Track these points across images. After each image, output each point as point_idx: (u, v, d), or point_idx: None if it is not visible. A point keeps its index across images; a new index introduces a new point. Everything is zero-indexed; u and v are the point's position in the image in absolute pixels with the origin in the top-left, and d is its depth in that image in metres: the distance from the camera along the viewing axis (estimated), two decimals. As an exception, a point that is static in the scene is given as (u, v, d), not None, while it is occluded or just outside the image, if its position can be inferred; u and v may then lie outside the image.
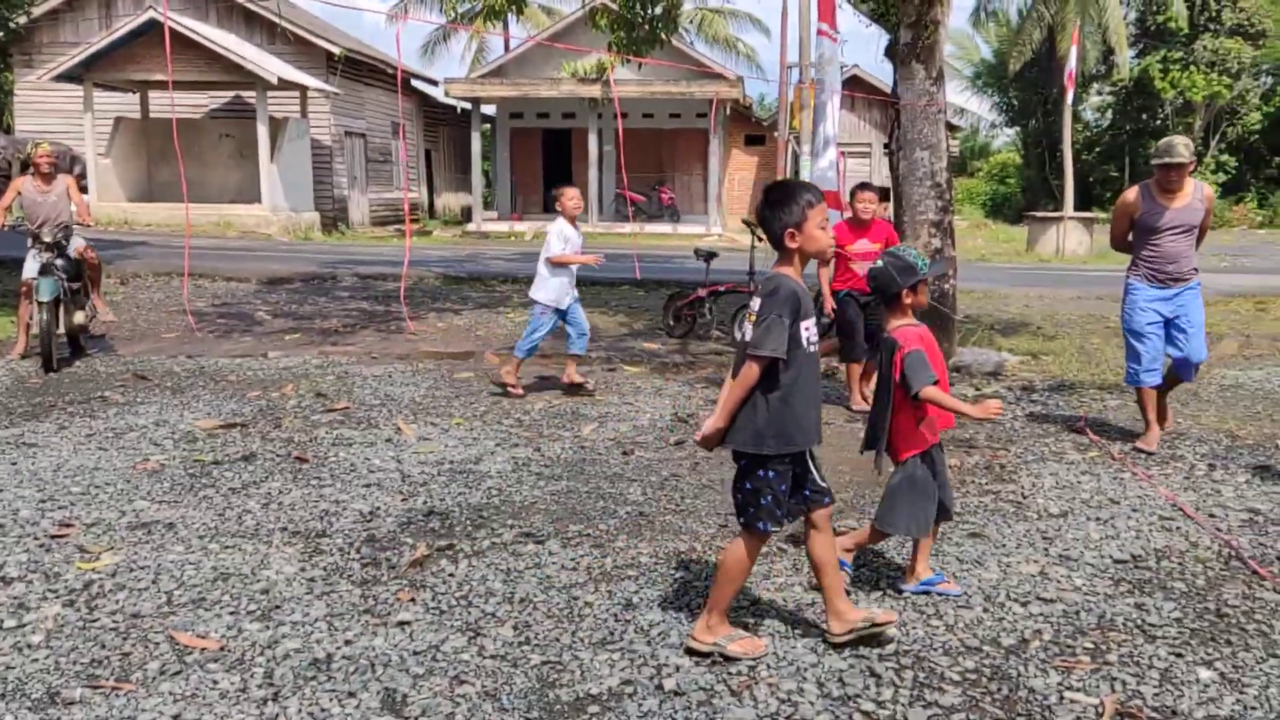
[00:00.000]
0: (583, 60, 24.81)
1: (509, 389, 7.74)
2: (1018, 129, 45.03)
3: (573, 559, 4.45)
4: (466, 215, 30.56)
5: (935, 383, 3.94)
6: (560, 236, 7.66)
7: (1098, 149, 42.63)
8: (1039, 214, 24.79)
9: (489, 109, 29.70)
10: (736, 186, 32.54)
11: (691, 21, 36.49)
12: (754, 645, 3.57)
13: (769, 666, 3.50)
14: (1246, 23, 36.54)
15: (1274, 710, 3.25)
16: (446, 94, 27.97)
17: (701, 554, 4.54)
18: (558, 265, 7.67)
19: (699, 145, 29.10)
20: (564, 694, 3.31)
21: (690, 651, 3.55)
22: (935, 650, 3.66)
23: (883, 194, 8.46)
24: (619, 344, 10.28)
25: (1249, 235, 32.33)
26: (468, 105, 28.32)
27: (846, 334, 7.67)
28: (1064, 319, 12.12)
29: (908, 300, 4.06)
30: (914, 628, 3.84)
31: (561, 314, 7.84)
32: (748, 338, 3.45)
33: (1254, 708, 3.27)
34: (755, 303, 3.50)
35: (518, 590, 4.11)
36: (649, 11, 11.36)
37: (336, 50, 25.34)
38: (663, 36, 11.74)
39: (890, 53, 9.15)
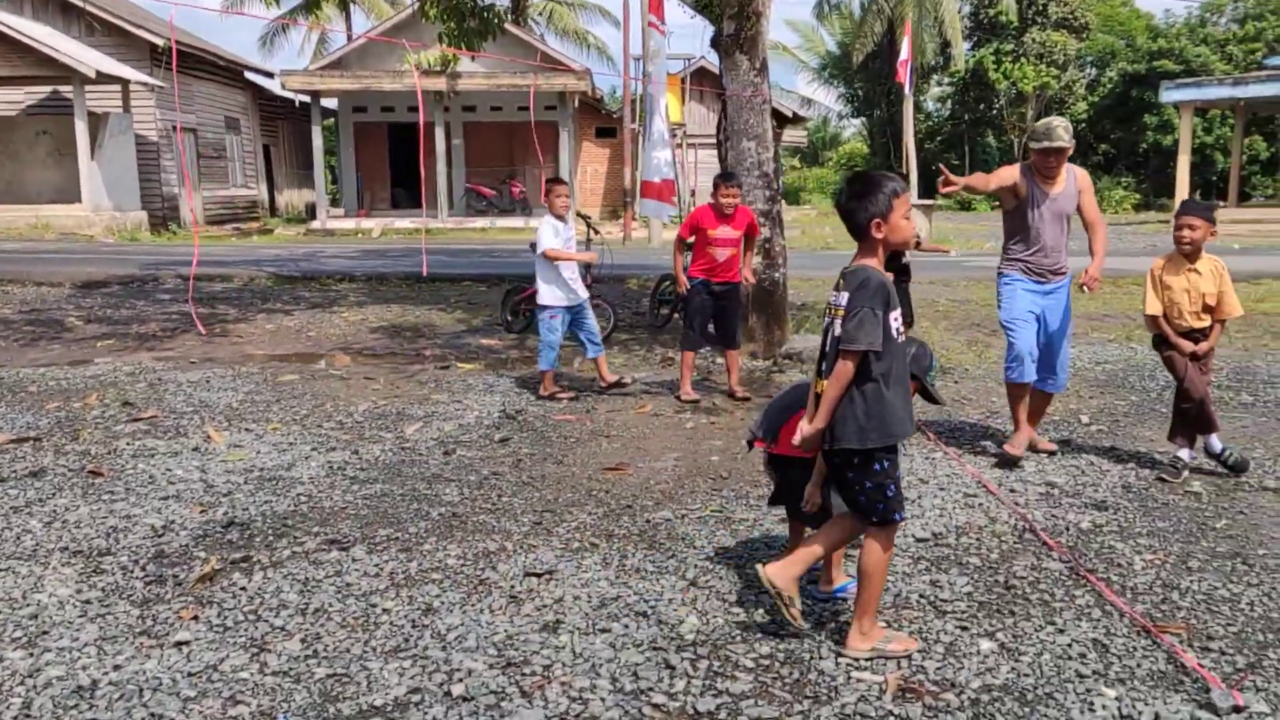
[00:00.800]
0: (426, 52, 24.32)
1: (555, 396, 7.52)
2: (864, 119, 46.42)
3: (376, 565, 4.31)
4: (311, 212, 29.68)
5: None
6: (553, 229, 7.40)
7: (939, 138, 44.36)
8: (880, 202, 25.47)
9: (330, 102, 28.90)
10: (589, 179, 32.54)
11: (540, 14, 36.33)
12: (909, 643, 3.56)
13: (564, 665, 3.45)
14: (1071, 16, 38.47)
15: (1044, 676, 3.37)
16: (283, 87, 27.06)
17: (512, 553, 4.47)
18: (556, 261, 7.42)
19: (549, 138, 28.94)
20: (345, 707, 3.18)
21: (851, 662, 3.49)
22: (734, 639, 3.67)
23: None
24: (456, 340, 10.11)
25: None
26: (307, 98, 27.46)
27: (689, 322, 7.67)
28: (896, 303, 12.46)
29: None
30: (715, 616, 3.84)
31: (572, 313, 7.59)
32: (837, 333, 3.41)
33: (1026, 674, 3.38)
34: (842, 298, 3.43)
35: (313, 601, 3.95)
36: (479, 1, 11.16)
37: (160, 41, 24.23)
38: (496, 28, 11.54)
39: (715, 44, 9.22)
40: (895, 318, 3.43)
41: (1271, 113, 33.54)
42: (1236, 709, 3.11)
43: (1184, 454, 5.58)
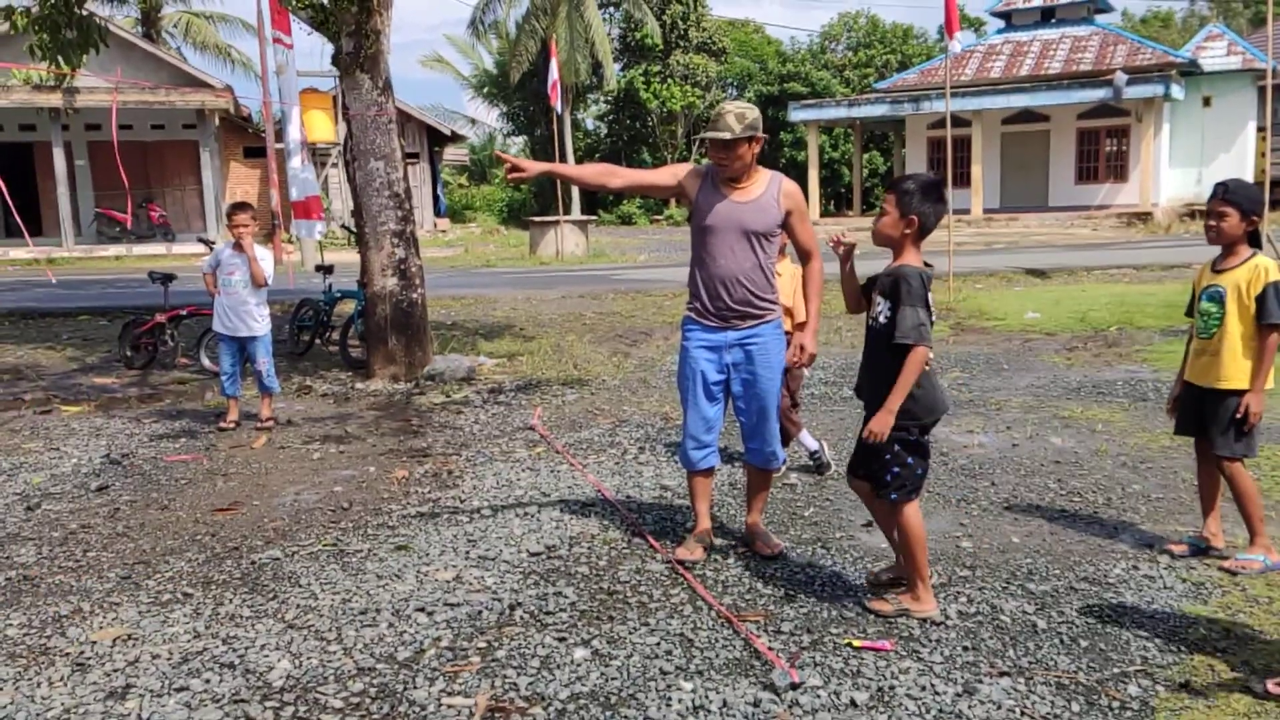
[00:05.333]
0: (37, 65, 22.05)
1: (221, 427, 7.31)
2: (526, 137, 47.08)
3: (-86, 648, 3.78)
4: (-93, 244, 26.05)
5: None
6: (212, 257, 7.46)
7: (598, 154, 45.80)
8: (537, 219, 25.96)
9: (-78, 120, 25.58)
10: (238, 200, 30.80)
11: (175, 25, 34.10)
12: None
13: (128, 734, 3.16)
14: (710, 41, 41.05)
15: (630, 677, 3.47)
16: None
17: (88, 614, 4.06)
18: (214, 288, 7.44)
19: (190, 158, 27.14)
20: None
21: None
22: (326, 679, 3.52)
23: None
24: (64, 381, 9.19)
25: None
26: (-107, 115, 24.17)
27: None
28: (546, 319, 12.69)
29: None
30: (310, 658, 3.67)
31: (239, 343, 7.38)
32: None
33: (614, 677, 3.47)
34: None
35: None
36: (76, 12, 10.20)
37: None
38: (99, 40, 10.59)
39: (336, 62, 8.97)
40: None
41: (884, 130, 37.35)
42: (794, 685, 3.34)
43: (782, 451, 6.00)
